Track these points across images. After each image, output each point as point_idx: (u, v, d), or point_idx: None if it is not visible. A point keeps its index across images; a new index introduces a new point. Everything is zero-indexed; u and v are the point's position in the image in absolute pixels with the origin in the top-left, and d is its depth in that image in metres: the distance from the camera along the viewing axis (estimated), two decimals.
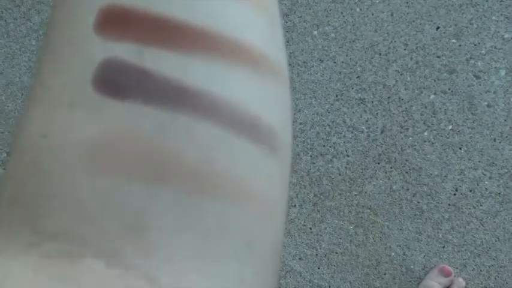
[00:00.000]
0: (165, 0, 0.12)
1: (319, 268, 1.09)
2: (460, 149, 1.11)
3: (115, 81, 0.12)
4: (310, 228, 1.11)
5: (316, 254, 1.10)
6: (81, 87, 0.12)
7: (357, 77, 1.20)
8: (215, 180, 0.12)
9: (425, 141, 1.13)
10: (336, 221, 1.11)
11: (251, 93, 0.13)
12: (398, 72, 1.19)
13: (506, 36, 1.17)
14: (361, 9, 1.25)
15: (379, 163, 1.13)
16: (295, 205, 1.14)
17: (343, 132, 1.17)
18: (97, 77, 0.12)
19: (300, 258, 1.10)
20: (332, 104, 1.19)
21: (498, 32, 1.17)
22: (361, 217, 1.11)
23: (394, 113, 1.16)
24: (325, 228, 1.11)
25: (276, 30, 0.15)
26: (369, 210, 1.11)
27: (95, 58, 0.12)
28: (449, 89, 1.15)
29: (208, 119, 0.12)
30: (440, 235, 1.07)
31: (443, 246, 1.07)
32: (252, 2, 0.13)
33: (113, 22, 0.12)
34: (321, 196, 1.13)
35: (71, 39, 0.13)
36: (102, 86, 0.12)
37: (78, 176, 0.12)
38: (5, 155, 1.28)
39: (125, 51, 0.12)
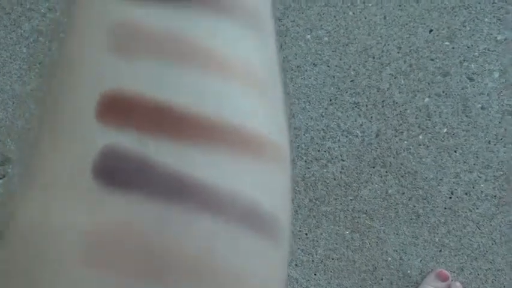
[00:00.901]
0: (168, 87, 0.12)
1: (315, 274, 1.08)
2: (455, 152, 1.11)
3: (115, 171, 0.12)
4: (306, 234, 1.11)
5: (313, 260, 1.09)
6: (81, 175, 0.12)
7: (351, 81, 1.19)
8: (215, 271, 0.12)
9: (420, 145, 1.13)
10: (332, 226, 1.10)
11: (253, 183, 0.13)
12: (392, 75, 1.18)
13: (499, 38, 1.17)
14: (354, 13, 1.24)
15: (374, 167, 1.13)
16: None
17: (338, 137, 1.16)
18: (97, 165, 0.12)
19: (296, 265, 1.09)
20: (326, 109, 1.18)
21: (491, 34, 1.17)
22: (357, 222, 1.10)
23: (388, 117, 1.15)
24: (321, 234, 1.10)
25: (278, 114, 0.14)
26: (364, 215, 1.10)
27: (95, 145, 0.12)
28: (443, 92, 1.15)
29: (210, 211, 0.12)
30: (437, 239, 1.07)
31: (440, 250, 1.06)
32: (255, 87, 0.13)
33: (115, 110, 0.12)
34: (316, 201, 1.12)
35: (72, 122, 0.12)
36: (102, 175, 0.12)
37: (74, 267, 0.11)
38: None
39: (126, 139, 0.12)
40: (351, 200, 1.11)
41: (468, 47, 1.17)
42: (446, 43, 1.18)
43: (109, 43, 0.12)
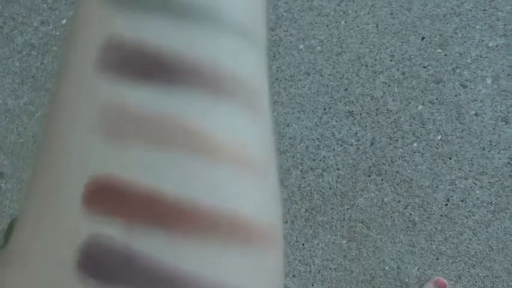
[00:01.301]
0: (158, 173, 0.12)
1: (313, 285, 1.07)
2: (450, 159, 1.11)
3: (99, 264, 0.11)
4: (303, 244, 1.10)
5: (310, 271, 1.08)
6: (64, 265, 0.12)
7: (345, 90, 1.19)
8: None
9: (415, 152, 1.13)
10: (329, 236, 1.10)
11: (242, 275, 0.12)
12: (386, 83, 1.18)
13: (490, 44, 1.17)
14: (346, 22, 1.25)
15: (369, 176, 1.13)
16: (286, 221, 1.12)
17: (333, 146, 1.16)
18: (81, 256, 0.11)
19: (293, 276, 1.08)
20: (320, 118, 1.18)
21: (483, 40, 1.18)
22: (354, 231, 1.09)
23: (382, 125, 1.15)
24: (318, 244, 1.09)
25: (272, 196, 0.14)
26: (361, 224, 1.10)
27: (80, 234, 0.12)
28: (436, 99, 1.15)
29: None
30: (434, 247, 1.06)
31: (437, 258, 1.06)
32: (248, 170, 0.13)
33: (102, 197, 0.12)
34: (313, 211, 1.12)
35: (58, 207, 0.12)
36: (86, 267, 0.11)
37: None
38: None
39: (113, 229, 0.11)
40: (347, 209, 1.11)
41: (460, 54, 1.18)
42: (439, 50, 1.19)
43: (98, 125, 0.12)
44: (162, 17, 0.12)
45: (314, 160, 1.16)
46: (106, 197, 0.11)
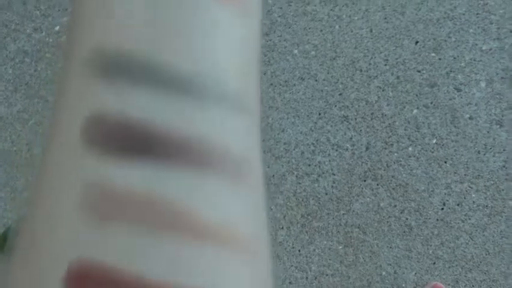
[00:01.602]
0: (141, 258, 0.11)
1: None
2: (445, 162, 1.11)
3: None
4: (299, 251, 1.09)
5: (307, 277, 1.07)
6: None
7: (339, 94, 1.19)
8: None
9: (410, 157, 1.12)
10: (325, 242, 1.09)
11: None
12: (380, 88, 1.18)
13: (484, 48, 1.18)
14: (340, 27, 1.25)
15: (365, 180, 1.12)
16: (282, 227, 1.12)
17: (328, 151, 1.16)
18: None
19: (290, 282, 1.08)
20: (315, 123, 1.18)
21: (476, 44, 1.18)
22: (350, 236, 1.09)
23: (377, 129, 1.15)
24: (314, 250, 1.09)
25: (264, 275, 0.14)
26: (357, 229, 1.09)
27: None
28: (431, 103, 1.15)
29: None
30: (431, 251, 1.06)
31: (434, 263, 1.05)
32: (237, 251, 0.13)
33: (84, 282, 0.11)
34: (309, 217, 1.11)
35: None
36: None
37: None
38: None
39: None
40: (343, 214, 1.11)
41: (454, 58, 1.18)
42: (433, 54, 1.19)
43: (82, 204, 0.12)
44: (148, 89, 0.12)
45: (309, 165, 1.15)
46: (87, 283, 0.11)
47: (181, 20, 0.13)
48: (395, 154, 1.13)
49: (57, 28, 1.36)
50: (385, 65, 1.20)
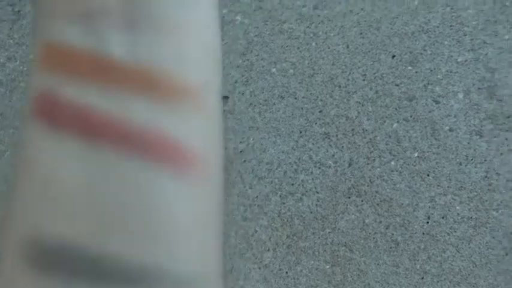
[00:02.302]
0: None
1: None
2: (428, 175, 1.11)
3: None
4: (286, 272, 1.08)
5: None
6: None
7: (319, 112, 1.19)
8: None
9: (392, 171, 1.12)
10: (312, 262, 1.08)
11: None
12: (360, 103, 1.18)
13: (459, 59, 1.19)
14: (317, 44, 1.25)
15: (349, 197, 1.11)
16: (268, 249, 1.10)
17: (311, 169, 1.15)
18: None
19: None
20: (297, 141, 1.17)
21: (452, 56, 1.19)
22: (337, 255, 1.08)
23: (359, 145, 1.15)
24: (301, 271, 1.07)
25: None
26: (344, 247, 1.08)
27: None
28: (411, 116, 1.16)
29: None
30: (418, 266, 1.05)
31: (422, 278, 1.04)
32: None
33: None
34: (294, 237, 1.10)
35: None
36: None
37: None
38: None
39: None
40: (329, 232, 1.10)
41: (431, 70, 1.19)
42: (410, 68, 1.19)
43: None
44: (91, 282, 0.12)
45: (293, 185, 1.14)
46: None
47: (131, 202, 0.12)
48: (378, 169, 1.13)
49: (31, 57, 1.34)
50: (363, 80, 1.20)
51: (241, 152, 1.18)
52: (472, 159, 1.10)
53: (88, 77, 0.12)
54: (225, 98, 1.23)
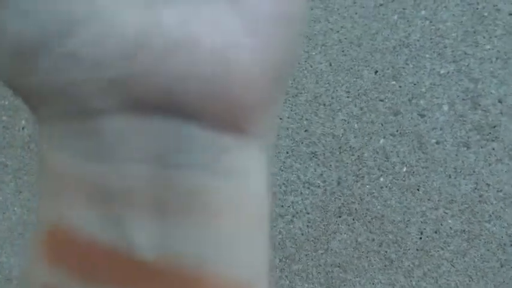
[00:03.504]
0: None
1: None
2: (418, 190, 1.10)
3: None
4: None
5: None
6: None
7: (305, 131, 1.18)
8: None
9: (382, 187, 1.11)
10: (306, 285, 1.06)
11: None
12: (345, 120, 1.18)
13: (442, 72, 1.19)
14: (299, 63, 1.25)
15: (340, 216, 1.10)
16: None
17: (299, 190, 1.13)
18: None
19: None
20: (284, 162, 1.16)
21: (434, 68, 1.19)
22: (331, 277, 1.06)
23: (347, 163, 1.14)
24: None
25: None
26: (337, 268, 1.06)
27: None
28: (397, 131, 1.15)
29: None
30: (414, 283, 1.03)
31: None
32: None
33: None
34: (287, 260, 1.08)
35: None
36: None
37: None
38: None
39: None
40: (321, 254, 1.08)
41: (414, 84, 1.18)
42: (393, 82, 1.19)
43: None
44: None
45: (282, 206, 1.13)
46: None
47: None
48: (368, 186, 1.12)
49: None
50: (348, 97, 1.20)
51: None
52: (460, 171, 1.10)
53: (106, 279, 0.10)
54: None
